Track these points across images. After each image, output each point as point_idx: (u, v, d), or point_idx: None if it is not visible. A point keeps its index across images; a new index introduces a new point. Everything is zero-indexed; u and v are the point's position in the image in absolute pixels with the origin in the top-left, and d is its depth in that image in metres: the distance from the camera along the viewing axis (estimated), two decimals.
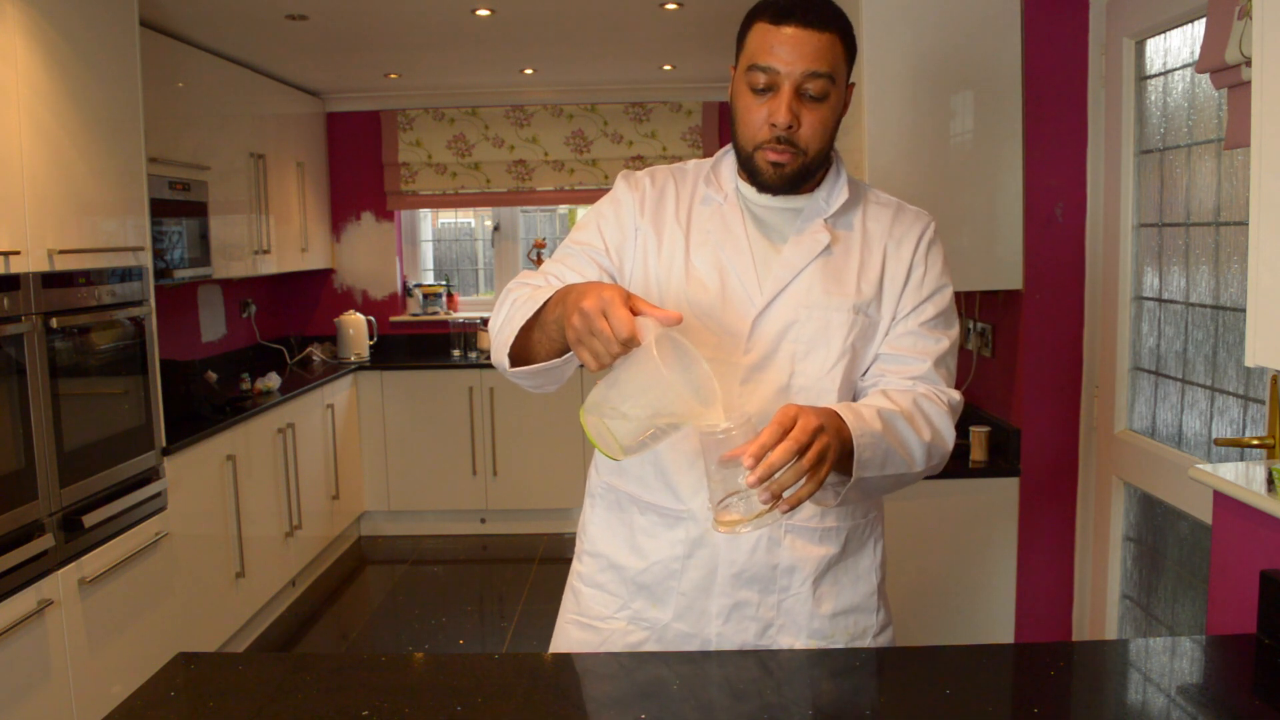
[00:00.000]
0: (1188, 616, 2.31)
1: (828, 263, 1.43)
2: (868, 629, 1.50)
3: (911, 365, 1.43)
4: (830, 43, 1.34)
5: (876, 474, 1.30)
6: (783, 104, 1.34)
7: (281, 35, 4.08)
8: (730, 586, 1.44)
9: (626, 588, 1.50)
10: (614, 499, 1.52)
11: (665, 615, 1.47)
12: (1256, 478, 1.55)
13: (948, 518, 2.82)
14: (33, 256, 2.61)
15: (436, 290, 5.82)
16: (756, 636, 1.46)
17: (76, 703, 2.66)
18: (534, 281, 1.45)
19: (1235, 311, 2.10)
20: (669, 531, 1.46)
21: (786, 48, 1.33)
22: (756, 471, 1.12)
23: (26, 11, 2.59)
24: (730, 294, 1.42)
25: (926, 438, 1.35)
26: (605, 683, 1.30)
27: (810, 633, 1.46)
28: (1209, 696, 1.29)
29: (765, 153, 1.38)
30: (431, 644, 4.03)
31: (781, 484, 1.14)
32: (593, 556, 1.54)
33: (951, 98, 2.73)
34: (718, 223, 1.45)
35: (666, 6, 3.74)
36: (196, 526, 3.48)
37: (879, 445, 1.28)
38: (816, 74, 1.33)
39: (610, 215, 1.50)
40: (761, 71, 1.34)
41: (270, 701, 1.23)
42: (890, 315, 1.45)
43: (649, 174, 1.52)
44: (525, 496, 5.37)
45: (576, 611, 1.55)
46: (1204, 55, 1.80)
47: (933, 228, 1.49)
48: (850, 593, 1.48)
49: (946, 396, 1.42)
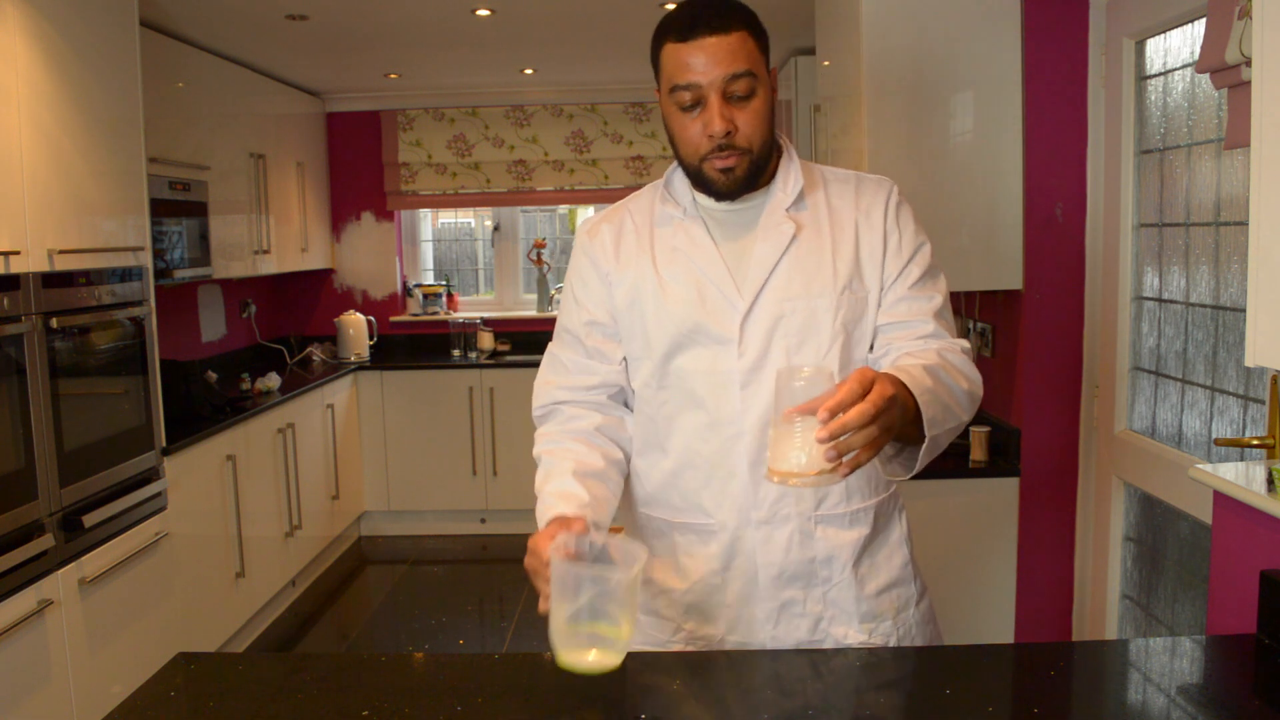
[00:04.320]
0: (1188, 616, 2.31)
1: (800, 251, 1.43)
2: (909, 599, 1.51)
3: (916, 327, 1.43)
4: (741, 40, 1.34)
5: (940, 431, 1.28)
6: (714, 114, 1.34)
7: (281, 35, 4.08)
8: (773, 588, 1.44)
9: (676, 610, 1.51)
10: (655, 527, 1.53)
11: (718, 631, 1.48)
12: (1256, 478, 1.55)
13: (948, 518, 2.82)
14: (33, 256, 2.61)
15: (436, 290, 5.83)
16: (809, 633, 1.45)
17: (76, 703, 2.66)
18: (547, 406, 1.56)
19: (1235, 311, 2.10)
20: (704, 547, 1.46)
21: (700, 59, 1.33)
22: (830, 427, 1.09)
23: (26, 11, 2.59)
24: (711, 303, 1.42)
25: (965, 385, 1.36)
26: (605, 682, 1.30)
27: (861, 617, 1.46)
28: (1209, 696, 1.29)
29: (711, 162, 1.38)
30: (431, 644, 4.03)
31: (850, 445, 1.11)
32: (644, 584, 1.54)
33: (951, 98, 2.73)
34: (683, 237, 1.46)
35: (666, 6, 3.74)
36: (196, 526, 3.48)
37: (937, 401, 1.26)
38: (737, 75, 1.33)
39: (579, 281, 1.53)
40: (684, 90, 1.35)
41: (270, 701, 1.23)
42: (877, 286, 1.44)
43: (604, 217, 1.54)
44: (525, 496, 5.30)
45: (640, 642, 1.55)
46: (1204, 55, 1.80)
47: (896, 191, 1.49)
48: (887, 567, 1.49)
49: (960, 345, 1.43)
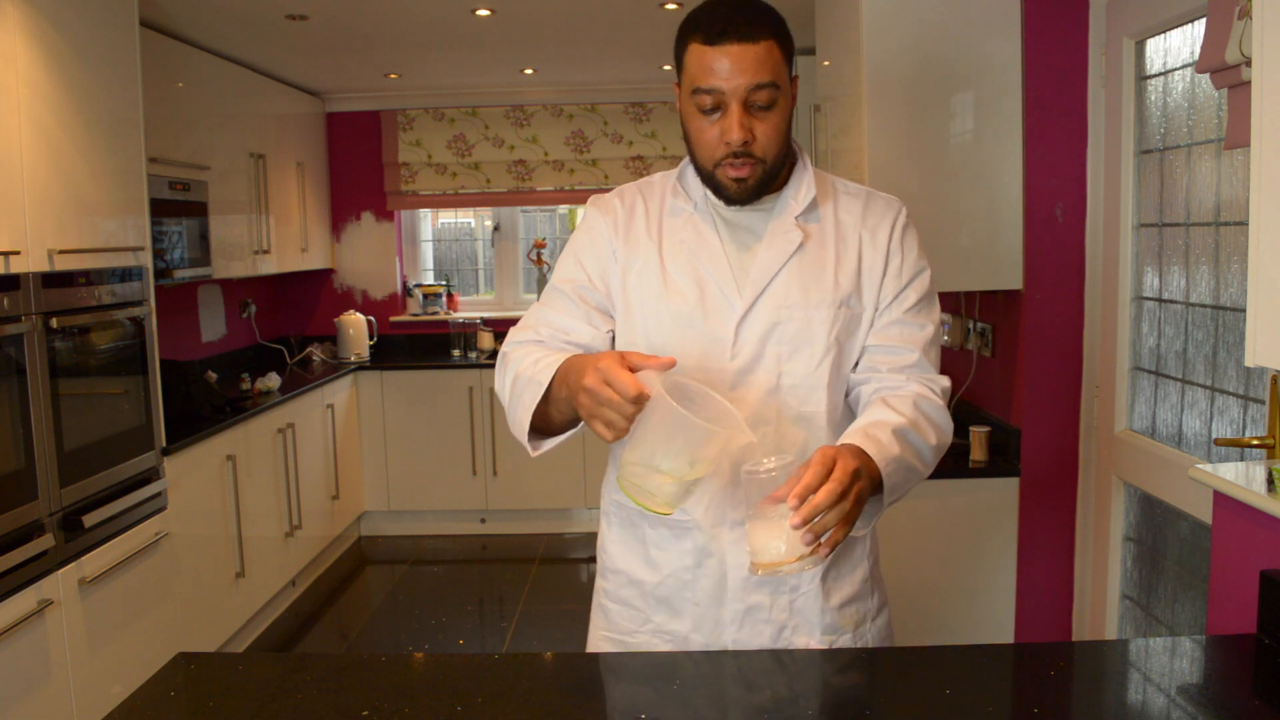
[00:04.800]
0: (1188, 616, 2.31)
1: (803, 260, 1.43)
2: (867, 614, 1.52)
3: (902, 355, 1.44)
4: (768, 50, 1.32)
5: (900, 495, 1.34)
6: (734, 122, 1.33)
7: (281, 35, 4.08)
8: (742, 591, 1.45)
9: (646, 601, 1.51)
10: (625, 516, 1.53)
11: (684, 627, 1.48)
12: (1256, 478, 1.55)
13: (948, 518, 2.82)
14: (33, 256, 2.61)
15: (436, 290, 5.82)
16: (772, 640, 1.46)
17: (76, 703, 2.66)
18: (526, 338, 1.47)
19: (1235, 311, 2.10)
20: (678, 543, 1.47)
21: (726, 65, 1.31)
22: (801, 512, 1.14)
23: (26, 11, 2.59)
24: (710, 302, 1.43)
25: (933, 441, 1.38)
26: (605, 682, 1.30)
27: (823, 628, 1.47)
28: (1209, 696, 1.29)
29: (725, 169, 1.38)
30: (431, 644, 4.03)
31: (825, 525, 1.16)
32: (614, 573, 1.55)
33: (951, 98, 2.73)
34: (690, 232, 1.46)
35: (666, 6, 3.74)
36: (196, 526, 3.48)
37: (901, 468, 1.31)
38: (760, 85, 1.32)
39: (587, 244, 1.51)
40: (706, 93, 1.34)
41: (270, 701, 1.23)
42: (873, 305, 1.45)
43: (618, 194, 1.53)
44: (525, 496, 5.37)
45: (606, 628, 1.57)
46: (1204, 55, 1.80)
47: (904, 213, 1.49)
48: (850, 580, 1.50)
49: (939, 387, 1.44)
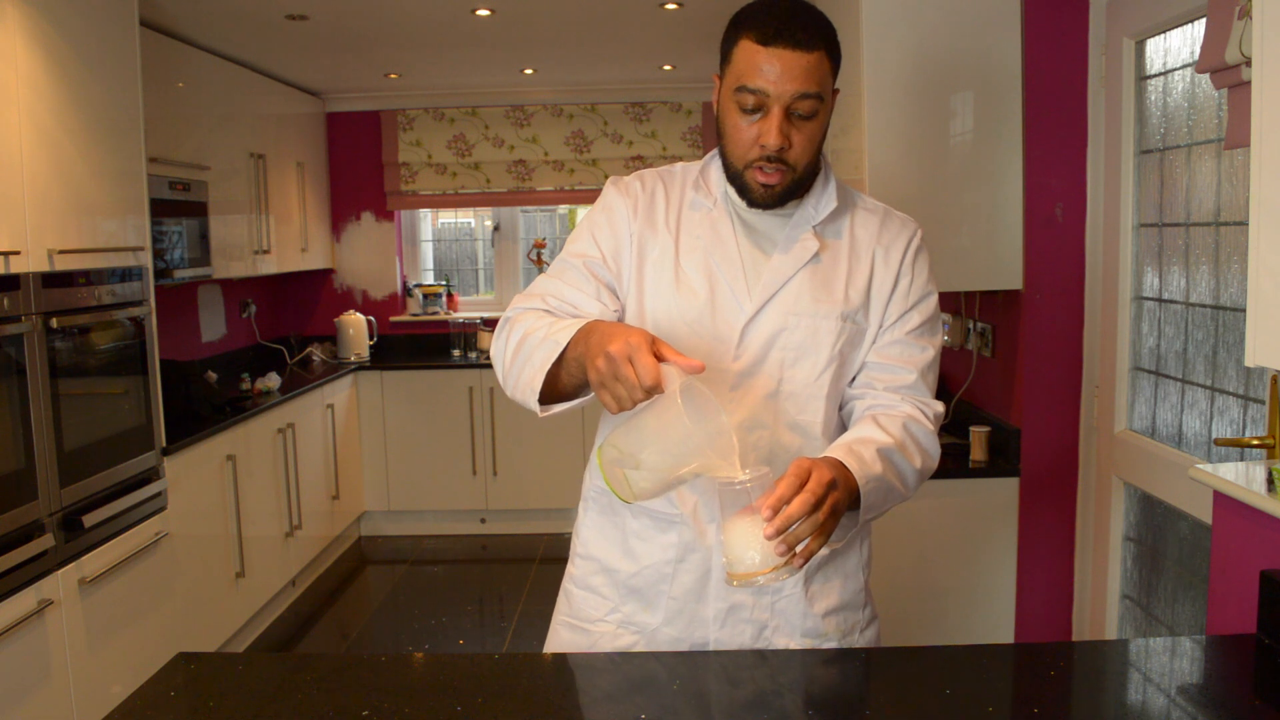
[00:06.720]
0: (1188, 616, 2.31)
1: (816, 270, 1.43)
2: (856, 624, 1.52)
3: (899, 375, 1.45)
4: (819, 61, 1.31)
5: (877, 513, 1.35)
6: (773, 126, 1.32)
7: (281, 35, 4.08)
8: (725, 589, 1.45)
9: (617, 591, 1.50)
10: (607, 503, 1.52)
11: (655, 620, 1.48)
12: (1256, 478, 1.55)
13: (948, 518, 2.82)
14: (33, 256, 2.61)
15: (436, 290, 5.82)
16: (753, 639, 1.46)
17: (76, 703, 2.66)
18: (533, 305, 1.44)
19: (1235, 311, 2.10)
20: (661, 535, 1.46)
21: (775, 69, 1.30)
22: (774, 523, 1.14)
23: (26, 11, 2.59)
24: (720, 300, 1.42)
25: (918, 464, 1.39)
26: (605, 682, 1.30)
27: (804, 632, 1.47)
28: (1209, 696, 1.29)
29: (755, 172, 1.37)
30: (431, 644, 4.03)
31: (798, 536, 1.16)
32: (585, 559, 1.54)
33: (951, 98, 2.73)
34: (707, 228, 1.45)
35: (666, 6, 3.74)
36: (196, 526, 3.48)
37: (881, 487, 1.31)
38: (806, 95, 1.31)
39: (604, 223, 1.48)
40: (750, 93, 1.32)
41: (270, 701, 1.23)
42: (877, 323, 1.46)
43: (638, 178, 1.52)
44: (525, 496, 5.37)
45: (568, 613, 1.56)
46: (1204, 55, 1.80)
47: (919, 235, 1.49)
48: (840, 590, 1.50)
49: (932, 412, 1.45)
